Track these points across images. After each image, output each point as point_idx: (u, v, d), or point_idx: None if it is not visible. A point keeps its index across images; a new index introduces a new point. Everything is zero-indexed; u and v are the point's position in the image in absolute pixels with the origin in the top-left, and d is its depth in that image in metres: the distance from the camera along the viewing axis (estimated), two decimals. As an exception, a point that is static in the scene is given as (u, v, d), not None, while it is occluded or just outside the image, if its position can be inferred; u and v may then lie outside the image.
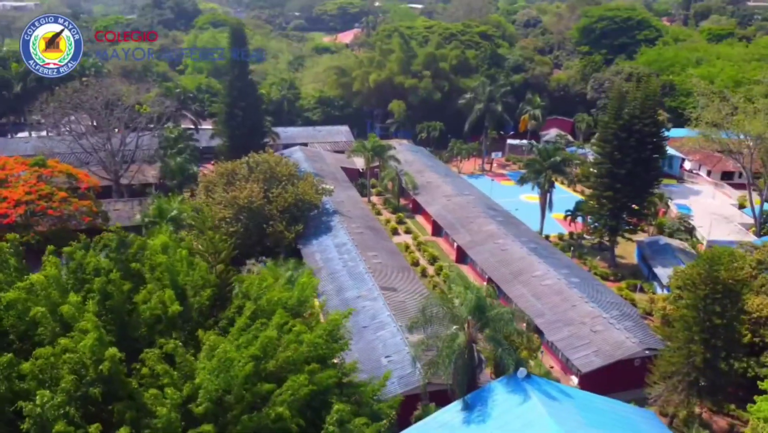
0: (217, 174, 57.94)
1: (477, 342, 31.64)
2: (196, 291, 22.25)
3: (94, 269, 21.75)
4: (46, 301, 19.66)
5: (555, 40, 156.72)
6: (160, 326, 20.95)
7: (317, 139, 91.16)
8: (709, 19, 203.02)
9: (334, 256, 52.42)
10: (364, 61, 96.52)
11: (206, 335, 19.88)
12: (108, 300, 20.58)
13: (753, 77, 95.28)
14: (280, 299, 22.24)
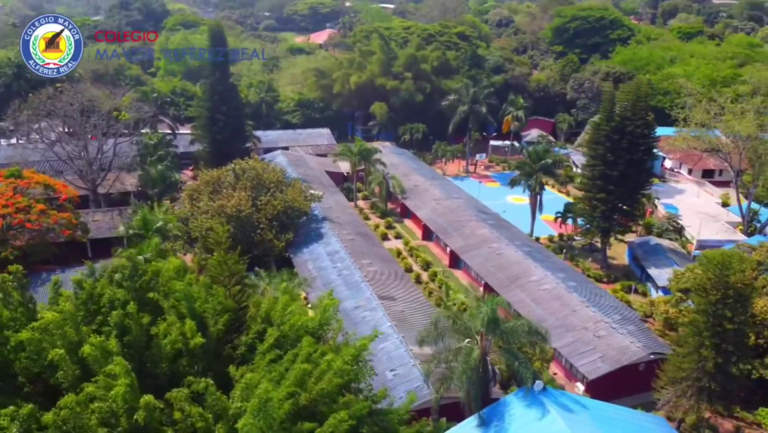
0: (202, 182, 56.03)
1: (489, 355, 30.76)
2: (215, 319, 20.78)
3: (109, 301, 20.05)
4: (62, 341, 17.91)
5: (528, 39, 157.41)
6: (183, 361, 19.42)
7: (298, 142, 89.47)
8: (676, 17, 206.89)
9: (327, 264, 51.09)
10: (344, 62, 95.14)
11: (239, 370, 18.45)
12: (126, 335, 18.95)
13: (727, 76, 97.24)
14: (303, 323, 20.92)
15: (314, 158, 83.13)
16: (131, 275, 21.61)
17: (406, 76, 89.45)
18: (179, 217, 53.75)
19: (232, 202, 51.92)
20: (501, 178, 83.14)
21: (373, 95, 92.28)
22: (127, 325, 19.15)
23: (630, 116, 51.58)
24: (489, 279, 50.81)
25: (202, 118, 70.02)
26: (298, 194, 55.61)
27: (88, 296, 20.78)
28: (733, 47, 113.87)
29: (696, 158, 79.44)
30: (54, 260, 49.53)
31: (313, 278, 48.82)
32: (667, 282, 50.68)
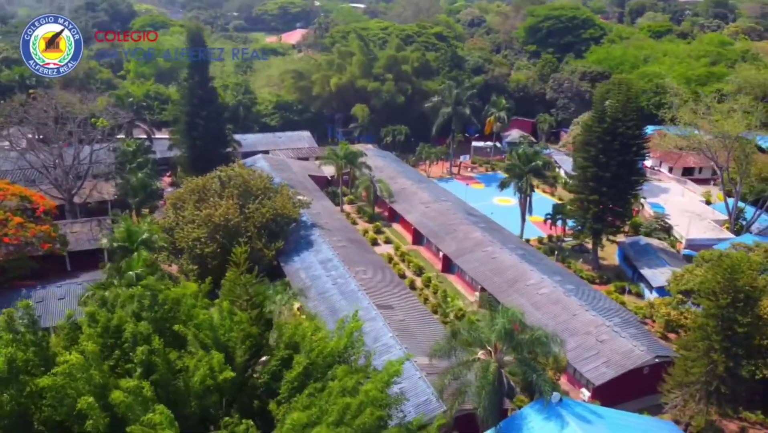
0: (186, 190, 54.06)
1: (504, 367, 29.99)
2: (241, 349, 19.36)
3: (132, 336, 18.41)
4: (88, 386, 16.23)
5: (501, 39, 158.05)
6: (212, 397, 17.95)
7: (278, 146, 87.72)
8: (644, 16, 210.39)
9: (320, 273, 49.76)
10: (323, 64, 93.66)
11: (280, 409, 17.11)
12: (151, 373, 17.42)
13: (702, 74, 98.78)
14: (333, 349, 19.68)
15: (296, 162, 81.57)
16: (151, 305, 19.98)
17: (387, 77, 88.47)
18: (163, 227, 51.75)
19: (220, 210, 50.16)
20: (485, 180, 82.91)
21: (353, 97, 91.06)
22: (153, 362, 17.64)
23: (621, 117, 51.53)
24: (486, 284, 50.17)
25: (182, 122, 67.91)
26: (287, 201, 54.12)
27: (103, 329, 19.07)
28: (705, 46, 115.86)
29: (676, 157, 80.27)
30: (32, 275, 47.20)
31: (307, 288, 47.48)
32: (662, 282, 50.95)
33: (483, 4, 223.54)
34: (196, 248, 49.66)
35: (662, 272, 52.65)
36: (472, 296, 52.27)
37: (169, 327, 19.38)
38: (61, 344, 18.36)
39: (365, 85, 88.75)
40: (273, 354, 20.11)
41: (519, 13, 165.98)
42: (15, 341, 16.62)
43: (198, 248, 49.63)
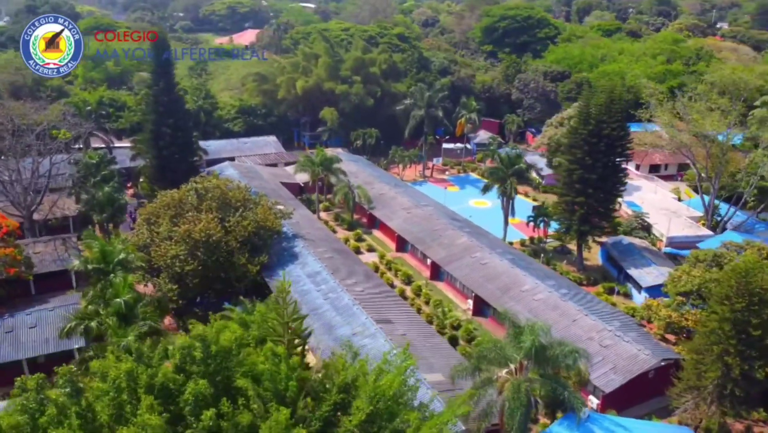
0: (160, 204, 50.86)
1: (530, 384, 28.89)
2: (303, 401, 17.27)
3: (193, 397, 15.93)
4: None
5: (457, 39, 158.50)
6: None
7: (244, 152, 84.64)
8: (591, 14, 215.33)
9: (309, 288, 47.65)
10: (287, 66, 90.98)
11: None
12: None
13: (659, 72, 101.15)
14: (395, 393, 17.88)
15: (265, 169, 78.78)
16: (204, 358, 17.53)
17: (355, 79, 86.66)
18: (137, 245, 48.54)
19: (200, 226, 47.32)
20: (459, 182, 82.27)
21: (320, 100, 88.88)
22: (225, 429, 15.37)
23: (606, 119, 51.49)
24: (479, 291, 49.20)
25: (146, 131, 64.22)
26: (268, 212, 51.67)
27: (148, 386, 16.56)
28: (659, 44, 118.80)
29: (642, 154, 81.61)
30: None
31: (298, 304, 45.12)
32: (650, 282, 51.24)
33: (434, 4, 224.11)
34: (175, 266, 46.75)
35: (649, 272, 53.04)
36: (464, 303, 51.23)
37: (222, 380, 17.09)
38: (107, 412, 15.77)
39: (333, 88, 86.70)
40: (323, 397, 18.19)
41: (474, 13, 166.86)
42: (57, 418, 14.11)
43: (177, 266, 46.73)
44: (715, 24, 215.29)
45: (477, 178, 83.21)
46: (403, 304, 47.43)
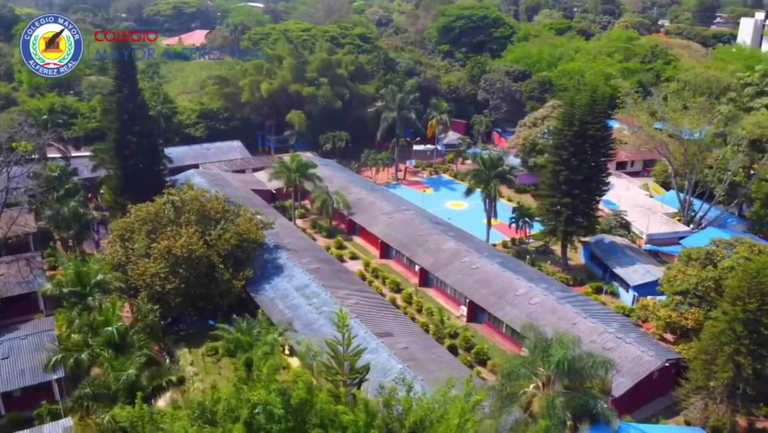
0: (134, 219, 47.79)
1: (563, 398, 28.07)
2: None
3: None
4: None
5: (413, 39, 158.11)
6: None
7: (208, 158, 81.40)
8: (540, 13, 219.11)
9: (300, 302, 45.65)
10: (250, 68, 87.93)
11: None
12: None
13: (618, 70, 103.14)
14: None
15: (234, 176, 75.90)
16: (285, 415, 15.50)
17: (322, 81, 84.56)
18: (111, 264, 45.46)
19: (180, 241, 44.67)
20: (432, 184, 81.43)
21: (286, 103, 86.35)
22: None
23: (590, 119, 51.50)
24: (474, 297, 48.34)
25: (110, 140, 60.51)
26: (250, 223, 49.34)
27: None
28: (614, 42, 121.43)
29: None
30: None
31: (289, 320, 43.19)
32: (638, 281, 51.58)
33: (385, 3, 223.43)
34: (156, 285, 44.03)
35: (635, 270, 53.44)
36: (457, 309, 50.28)
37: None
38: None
39: (299, 90, 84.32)
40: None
41: (429, 13, 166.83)
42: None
43: (158, 285, 44.02)
44: (657, 21, 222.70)
45: (450, 179, 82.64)
46: (398, 314, 46.11)
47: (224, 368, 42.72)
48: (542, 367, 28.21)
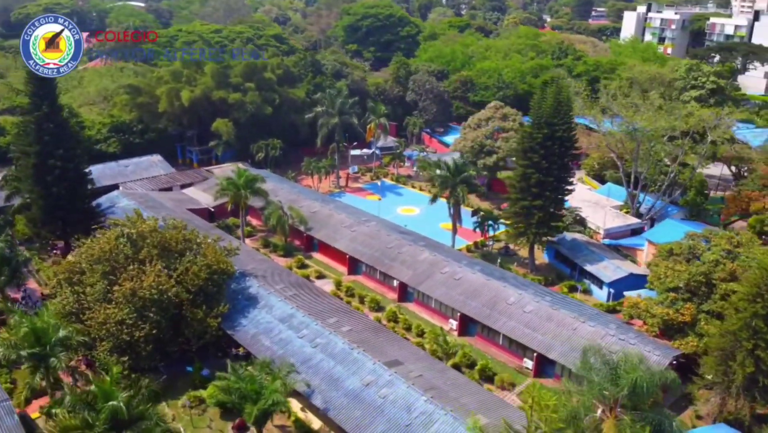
0: (83, 259, 41.20)
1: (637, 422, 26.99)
2: None
3: None
4: None
5: (316, 38, 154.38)
6: None
7: (128, 177, 73.53)
8: (433, 11, 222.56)
9: (289, 335, 41.56)
10: (166, 76, 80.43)
11: None
12: None
13: (533, 67, 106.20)
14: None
15: (163, 195, 68.96)
16: None
17: (249, 87, 79.13)
18: (62, 313, 38.90)
19: (148, 281, 39.00)
20: (376, 189, 78.87)
21: (209, 111, 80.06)
22: None
23: (556, 121, 51.53)
24: (465, 310, 46.72)
25: (27, 165, 52.25)
26: (218, 253, 44.29)
27: None
28: (522, 39, 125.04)
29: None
30: None
31: (280, 358, 39.01)
32: (612, 278, 52.48)
33: (277, 1, 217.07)
34: (122, 333, 38.17)
35: (605, 267, 54.46)
36: (445, 324, 48.35)
37: None
38: None
39: (224, 97, 78.38)
40: None
41: (332, 11, 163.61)
42: None
43: (125, 334, 38.18)
44: (542, 17, 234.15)
45: (393, 184, 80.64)
46: (395, 337, 43.44)
47: (214, 421, 37.98)
48: (607, 390, 26.98)
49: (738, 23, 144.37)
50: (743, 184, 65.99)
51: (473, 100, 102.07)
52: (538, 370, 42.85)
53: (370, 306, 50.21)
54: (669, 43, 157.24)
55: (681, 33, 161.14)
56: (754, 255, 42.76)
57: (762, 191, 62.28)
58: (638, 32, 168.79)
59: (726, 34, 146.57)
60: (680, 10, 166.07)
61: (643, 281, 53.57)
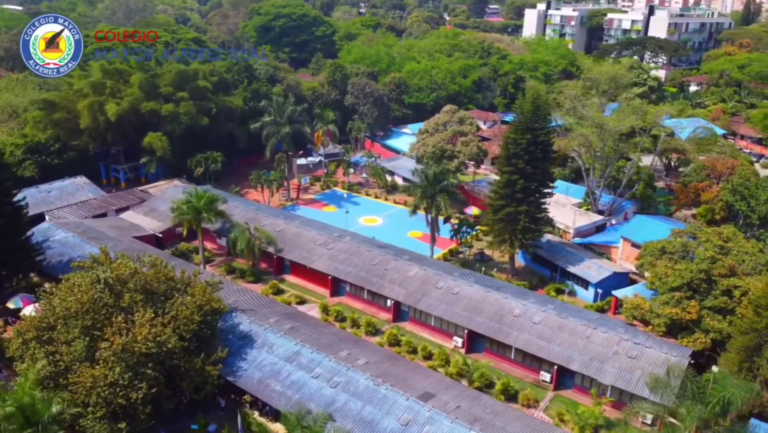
0: (56, 314, 34.91)
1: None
2: None
3: None
4: None
5: (224, 39, 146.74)
6: None
7: (53, 204, 65.19)
8: (337, 9, 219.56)
9: (301, 377, 37.72)
10: (86, 88, 71.74)
11: None
12: None
13: (461, 67, 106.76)
14: None
15: (100, 223, 61.75)
16: None
17: (182, 96, 72.51)
18: (38, 380, 32.70)
19: (143, 333, 33.73)
20: (328, 199, 75.29)
21: (137, 125, 72.66)
22: None
23: (537, 126, 51.08)
24: (472, 326, 44.96)
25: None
26: (207, 291, 39.37)
27: None
28: (442, 39, 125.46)
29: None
30: None
31: (298, 404, 35.16)
32: (598, 278, 52.95)
33: (168, 1, 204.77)
34: (117, 397, 32.73)
35: (588, 267, 54.92)
36: (449, 342, 46.38)
37: None
38: None
39: (156, 109, 71.30)
40: None
41: (240, 11, 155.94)
42: None
43: (119, 397, 32.77)
44: (442, 15, 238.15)
45: (348, 193, 77.36)
46: (413, 364, 40.82)
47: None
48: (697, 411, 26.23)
49: (634, 18, 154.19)
50: (686, 175, 69.49)
51: (409, 102, 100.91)
52: (557, 382, 41.99)
53: (366, 330, 47.11)
54: (569, 39, 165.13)
55: (580, 29, 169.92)
56: (746, 249, 44.62)
57: (707, 181, 65.90)
58: (539, 29, 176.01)
59: (623, 28, 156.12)
60: (577, 7, 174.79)
61: (624, 280, 54.82)
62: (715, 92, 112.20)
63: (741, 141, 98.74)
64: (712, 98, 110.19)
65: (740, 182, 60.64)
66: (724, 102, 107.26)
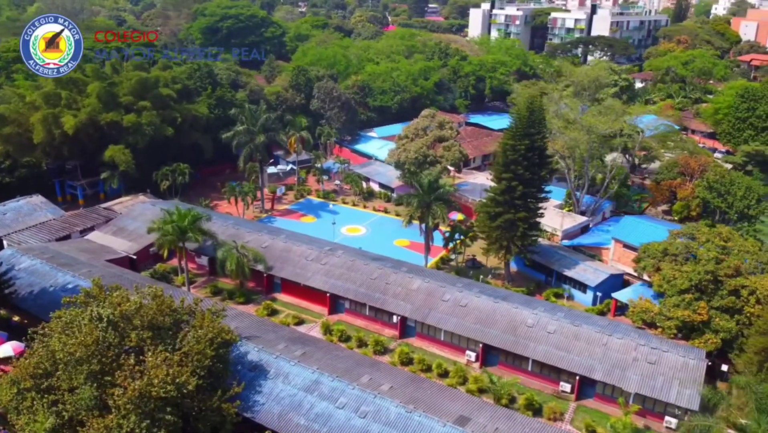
0: (63, 358, 31.16)
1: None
2: None
3: None
4: None
5: (166, 41, 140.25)
6: None
7: (10, 227, 60.12)
8: (279, 9, 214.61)
9: (326, 408, 35.47)
10: (39, 100, 65.98)
11: None
12: None
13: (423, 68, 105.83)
14: None
15: (68, 246, 56.92)
16: None
17: (143, 105, 67.95)
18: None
19: (160, 375, 30.63)
20: (304, 209, 72.54)
21: (95, 138, 67.73)
22: None
23: (533, 131, 50.54)
24: (487, 339, 43.85)
25: None
26: (216, 321, 36.43)
27: None
28: (399, 40, 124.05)
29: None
30: None
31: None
32: (596, 281, 53.06)
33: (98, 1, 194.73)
34: (137, 452, 29.58)
35: (584, 270, 55.03)
36: (461, 356, 45.10)
37: None
38: None
39: (116, 120, 66.54)
40: None
41: (182, 12, 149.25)
42: None
43: (138, 454, 29.62)
44: (385, 15, 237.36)
45: (321, 201, 74.87)
46: (439, 386, 39.18)
47: None
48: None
49: (578, 17, 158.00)
50: (658, 173, 71.03)
51: (373, 105, 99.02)
52: (579, 393, 41.49)
53: (374, 349, 45.19)
54: (514, 38, 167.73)
55: (524, 28, 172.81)
56: (746, 248, 45.54)
57: (679, 179, 67.58)
58: (485, 29, 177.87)
59: (567, 27, 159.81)
60: (521, 6, 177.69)
61: (619, 281, 55.21)
62: (662, 89, 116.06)
63: (693, 136, 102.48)
64: (659, 94, 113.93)
65: (716, 179, 62.45)
66: (671, 98, 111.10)
